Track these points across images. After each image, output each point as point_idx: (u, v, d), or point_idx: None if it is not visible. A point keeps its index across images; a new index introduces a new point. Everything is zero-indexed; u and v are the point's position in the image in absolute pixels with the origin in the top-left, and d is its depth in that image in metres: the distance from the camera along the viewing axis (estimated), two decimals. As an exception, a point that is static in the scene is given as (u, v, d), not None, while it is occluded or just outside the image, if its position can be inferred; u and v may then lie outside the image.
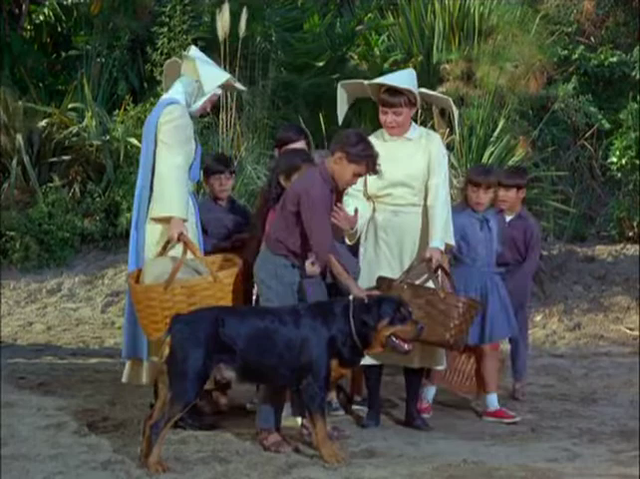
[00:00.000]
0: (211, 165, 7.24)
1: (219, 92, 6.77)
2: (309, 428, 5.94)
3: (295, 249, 6.02)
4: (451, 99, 7.09)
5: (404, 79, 6.77)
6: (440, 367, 6.80)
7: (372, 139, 6.64)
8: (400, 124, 6.67)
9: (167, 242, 6.28)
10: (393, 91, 6.64)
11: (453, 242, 6.70)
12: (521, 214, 7.52)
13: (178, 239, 6.23)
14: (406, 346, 5.80)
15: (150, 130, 6.55)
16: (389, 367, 6.95)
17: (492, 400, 6.95)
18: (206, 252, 6.62)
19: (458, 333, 6.31)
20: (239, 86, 7.25)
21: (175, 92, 6.60)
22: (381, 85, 6.73)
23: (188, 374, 5.52)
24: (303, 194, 5.92)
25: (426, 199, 6.66)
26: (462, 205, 7.03)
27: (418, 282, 6.51)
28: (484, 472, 5.56)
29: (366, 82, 6.89)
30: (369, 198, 6.72)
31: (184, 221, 6.34)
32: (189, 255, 6.22)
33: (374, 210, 6.71)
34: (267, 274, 6.05)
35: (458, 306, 6.30)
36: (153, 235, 6.47)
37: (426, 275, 6.57)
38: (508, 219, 7.39)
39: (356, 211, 6.45)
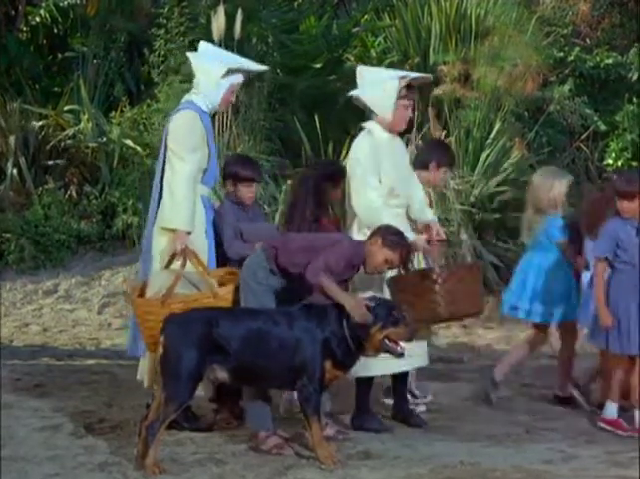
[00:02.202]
0: (241, 171, 6.78)
1: (240, 79, 6.62)
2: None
3: (282, 266, 6.00)
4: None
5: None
6: (422, 364, 6.79)
7: (375, 134, 6.61)
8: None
9: (174, 256, 6.19)
10: (410, 86, 6.68)
11: None
12: None
13: (182, 253, 6.14)
14: (399, 349, 5.80)
15: (165, 134, 6.52)
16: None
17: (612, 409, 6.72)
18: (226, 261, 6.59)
19: (448, 304, 6.32)
20: (255, 67, 6.98)
21: (193, 93, 6.56)
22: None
23: (182, 375, 5.52)
24: (337, 243, 5.95)
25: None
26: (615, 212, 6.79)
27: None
28: (481, 473, 5.56)
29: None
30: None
31: (189, 233, 6.26)
32: (192, 269, 6.13)
33: None
34: (248, 274, 6.06)
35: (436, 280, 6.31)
36: (159, 244, 6.40)
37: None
38: None
39: None
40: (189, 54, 6.81)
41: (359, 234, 6.45)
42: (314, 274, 5.77)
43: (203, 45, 6.80)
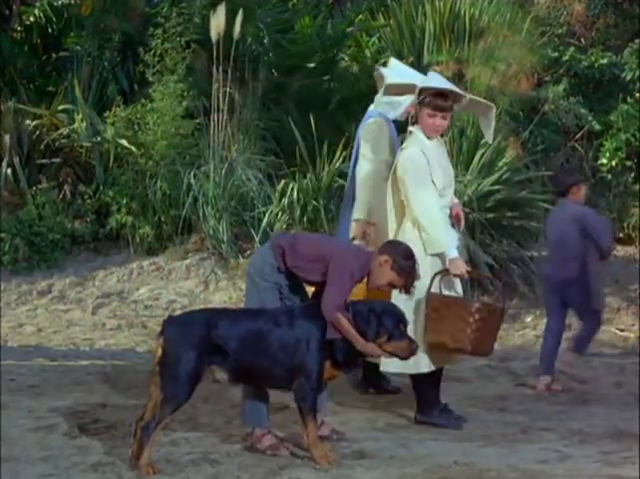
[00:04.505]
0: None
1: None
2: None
3: (290, 266, 6.00)
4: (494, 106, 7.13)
5: (448, 83, 6.96)
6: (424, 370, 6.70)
7: (419, 140, 6.65)
8: (445, 127, 6.84)
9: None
10: (444, 95, 6.65)
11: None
12: None
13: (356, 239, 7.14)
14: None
15: (356, 141, 7.45)
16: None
17: None
18: None
19: (475, 339, 6.39)
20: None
21: (377, 103, 7.35)
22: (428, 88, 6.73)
23: (180, 376, 5.52)
24: (340, 255, 5.91)
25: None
26: None
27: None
28: (475, 473, 5.57)
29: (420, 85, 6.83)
30: None
31: (371, 223, 7.17)
32: None
33: None
34: (254, 269, 6.07)
35: (473, 313, 6.38)
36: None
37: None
38: None
39: None
40: (383, 70, 7.44)
41: (414, 230, 6.59)
42: (331, 311, 5.72)
43: (394, 62, 7.66)
